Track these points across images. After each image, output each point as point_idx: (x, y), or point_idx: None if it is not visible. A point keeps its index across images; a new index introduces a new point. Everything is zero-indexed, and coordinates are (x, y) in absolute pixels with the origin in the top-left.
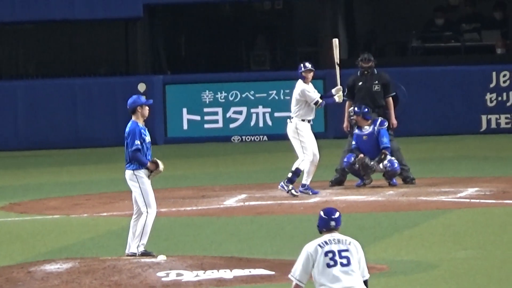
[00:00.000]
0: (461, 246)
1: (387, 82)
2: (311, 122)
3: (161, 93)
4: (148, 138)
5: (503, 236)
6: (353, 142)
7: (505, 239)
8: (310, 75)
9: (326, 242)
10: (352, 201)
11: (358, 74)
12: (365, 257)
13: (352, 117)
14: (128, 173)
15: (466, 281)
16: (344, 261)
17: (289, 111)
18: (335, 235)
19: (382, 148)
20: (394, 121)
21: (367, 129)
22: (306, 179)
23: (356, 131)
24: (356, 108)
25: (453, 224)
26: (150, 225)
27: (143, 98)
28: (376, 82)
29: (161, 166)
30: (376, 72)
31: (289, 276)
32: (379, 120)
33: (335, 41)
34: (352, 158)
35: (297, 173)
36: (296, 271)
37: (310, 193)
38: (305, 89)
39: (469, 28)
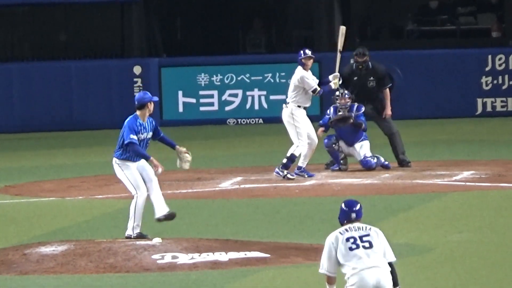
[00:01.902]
0: (456, 229)
1: (383, 76)
2: (306, 109)
3: (156, 76)
4: (144, 135)
5: (498, 219)
6: (321, 122)
7: (500, 223)
8: (310, 62)
9: (346, 230)
10: (347, 184)
11: (353, 67)
12: None
13: (337, 99)
14: (113, 160)
15: (461, 264)
16: (366, 244)
17: (285, 94)
18: (355, 224)
19: (357, 121)
20: (389, 112)
21: (345, 114)
22: (302, 162)
23: (332, 116)
24: (338, 93)
25: (449, 207)
26: (141, 207)
27: (149, 94)
28: (371, 78)
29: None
30: (371, 66)
31: (319, 271)
32: (356, 105)
33: (342, 29)
34: (332, 139)
35: (292, 159)
36: (323, 264)
37: (306, 176)
38: (304, 76)
39: (464, 11)
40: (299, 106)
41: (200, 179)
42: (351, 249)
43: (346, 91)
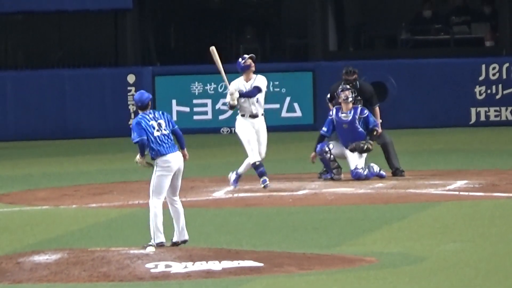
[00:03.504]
0: (450, 239)
1: (370, 95)
2: None
3: (150, 85)
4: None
5: (492, 228)
6: (324, 128)
7: (493, 232)
8: None
9: None
10: (341, 194)
11: (342, 85)
12: (353, 250)
13: (338, 99)
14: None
15: (455, 273)
16: None
17: (278, 103)
18: None
19: (371, 127)
20: (379, 130)
21: (347, 116)
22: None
23: (334, 117)
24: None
25: (442, 216)
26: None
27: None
28: (358, 98)
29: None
30: (358, 86)
31: None
32: (359, 108)
33: (212, 49)
34: (325, 147)
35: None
36: None
37: (232, 185)
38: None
39: (458, 21)
40: None
41: (193, 188)
42: None
43: (349, 96)
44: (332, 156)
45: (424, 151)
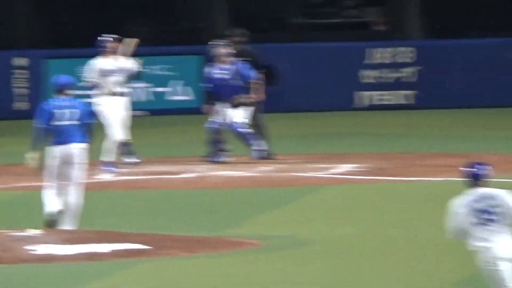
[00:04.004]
0: (338, 223)
1: (254, 59)
2: None
3: (41, 68)
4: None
5: (379, 213)
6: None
7: (381, 216)
8: None
9: None
10: (227, 177)
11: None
12: (240, 233)
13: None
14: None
15: (342, 257)
16: None
17: (165, 86)
18: None
19: (250, 81)
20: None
21: (224, 73)
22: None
23: (212, 75)
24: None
25: (330, 200)
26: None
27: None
28: (242, 59)
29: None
30: (241, 49)
31: None
32: (238, 64)
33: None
34: (219, 126)
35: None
36: None
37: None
38: None
39: (349, 4)
40: None
41: None
42: None
43: (223, 51)
44: (222, 137)
45: (310, 134)
